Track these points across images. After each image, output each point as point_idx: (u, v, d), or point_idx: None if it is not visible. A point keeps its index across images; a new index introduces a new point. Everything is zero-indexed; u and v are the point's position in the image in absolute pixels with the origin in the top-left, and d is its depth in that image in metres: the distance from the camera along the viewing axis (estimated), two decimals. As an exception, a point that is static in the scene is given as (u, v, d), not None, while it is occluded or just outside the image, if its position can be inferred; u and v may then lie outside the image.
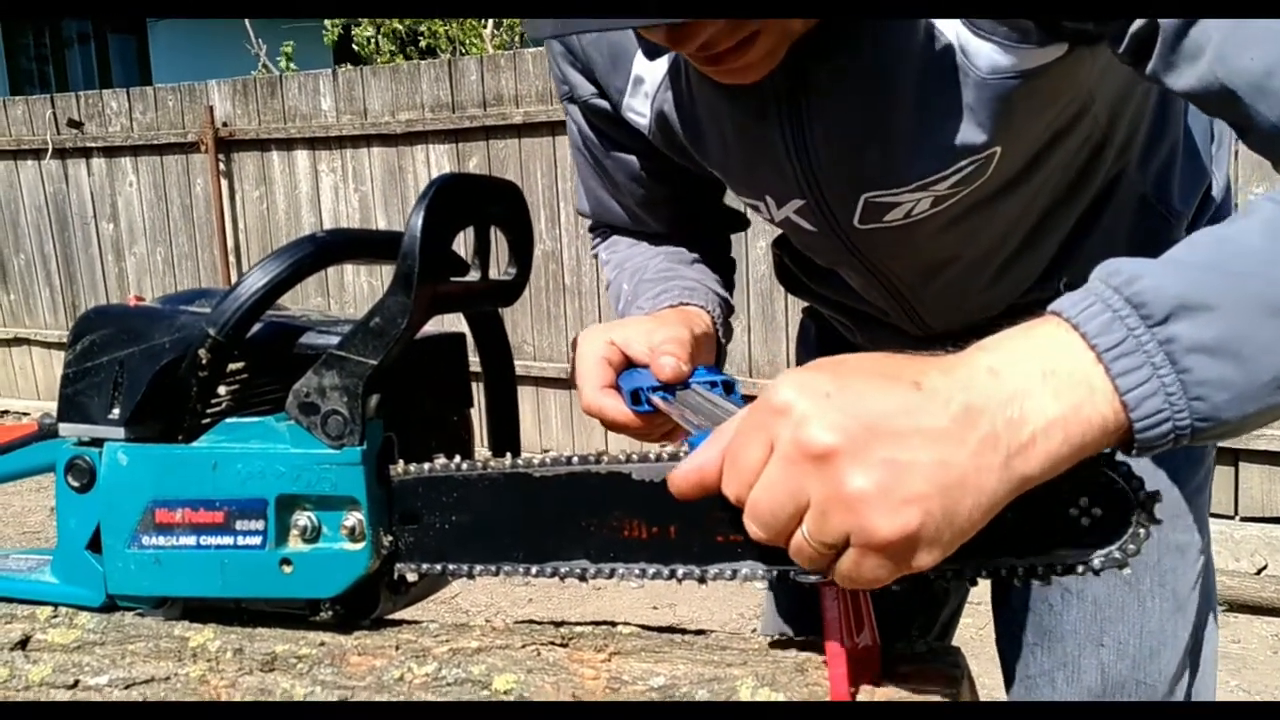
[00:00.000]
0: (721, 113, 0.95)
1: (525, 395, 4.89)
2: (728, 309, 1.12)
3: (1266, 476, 3.63)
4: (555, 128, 4.58)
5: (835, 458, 0.55)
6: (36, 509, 4.81)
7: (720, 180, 1.09)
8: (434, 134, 4.92)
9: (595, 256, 1.27)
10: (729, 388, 0.90)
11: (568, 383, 4.84)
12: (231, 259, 5.61)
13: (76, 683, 0.81)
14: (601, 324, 0.97)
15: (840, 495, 0.55)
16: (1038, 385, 0.57)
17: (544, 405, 4.95)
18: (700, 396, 0.86)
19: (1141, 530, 0.62)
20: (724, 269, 1.20)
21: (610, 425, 0.93)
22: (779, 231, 1.23)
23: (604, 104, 1.07)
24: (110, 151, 5.87)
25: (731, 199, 1.17)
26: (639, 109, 1.03)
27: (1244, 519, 3.68)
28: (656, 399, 0.89)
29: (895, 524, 0.55)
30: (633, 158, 1.12)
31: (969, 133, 0.86)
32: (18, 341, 6.44)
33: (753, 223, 1.28)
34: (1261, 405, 0.57)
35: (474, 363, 0.91)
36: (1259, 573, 3.52)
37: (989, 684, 2.78)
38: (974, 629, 2.96)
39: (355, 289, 5.29)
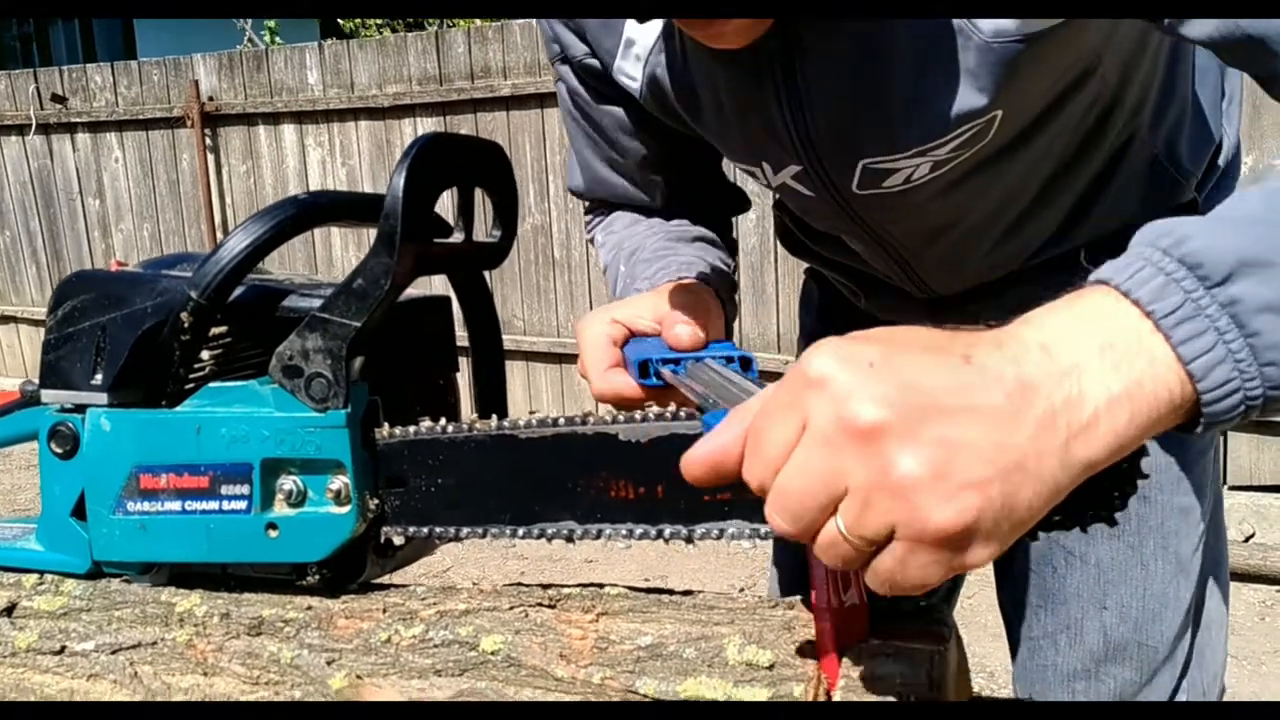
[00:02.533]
0: (716, 77, 0.92)
1: (516, 370, 4.89)
2: (731, 285, 1.08)
3: (1254, 446, 3.65)
4: (544, 100, 4.55)
5: (882, 436, 0.49)
6: (26, 487, 4.80)
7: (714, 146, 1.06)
8: (421, 107, 4.88)
9: (591, 241, 1.20)
10: (746, 364, 0.82)
11: (558, 357, 4.86)
12: (219, 234, 5.58)
13: (63, 649, 0.81)
14: (601, 306, 0.93)
15: (888, 480, 0.49)
16: (1095, 360, 0.51)
17: (534, 380, 4.95)
18: (714, 372, 0.79)
19: (1129, 486, 0.61)
20: (725, 246, 1.15)
21: (624, 404, 0.86)
22: (770, 202, 1.20)
23: (596, 64, 1.04)
24: (95, 127, 5.83)
25: (728, 169, 1.14)
26: (630, 72, 1.00)
27: (1232, 488, 3.70)
28: (666, 372, 0.83)
29: (951, 512, 0.48)
30: (626, 114, 1.08)
31: (969, 97, 0.83)
32: (4, 320, 6.41)
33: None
34: None
35: (462, 338, 0.90)
36: (1246, 540, 3.55)
37: (978, 653, 2.80)
38: (963, 600, 2.98)
39: (344, 264, 5.27)
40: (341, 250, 5.26)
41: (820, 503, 0.51)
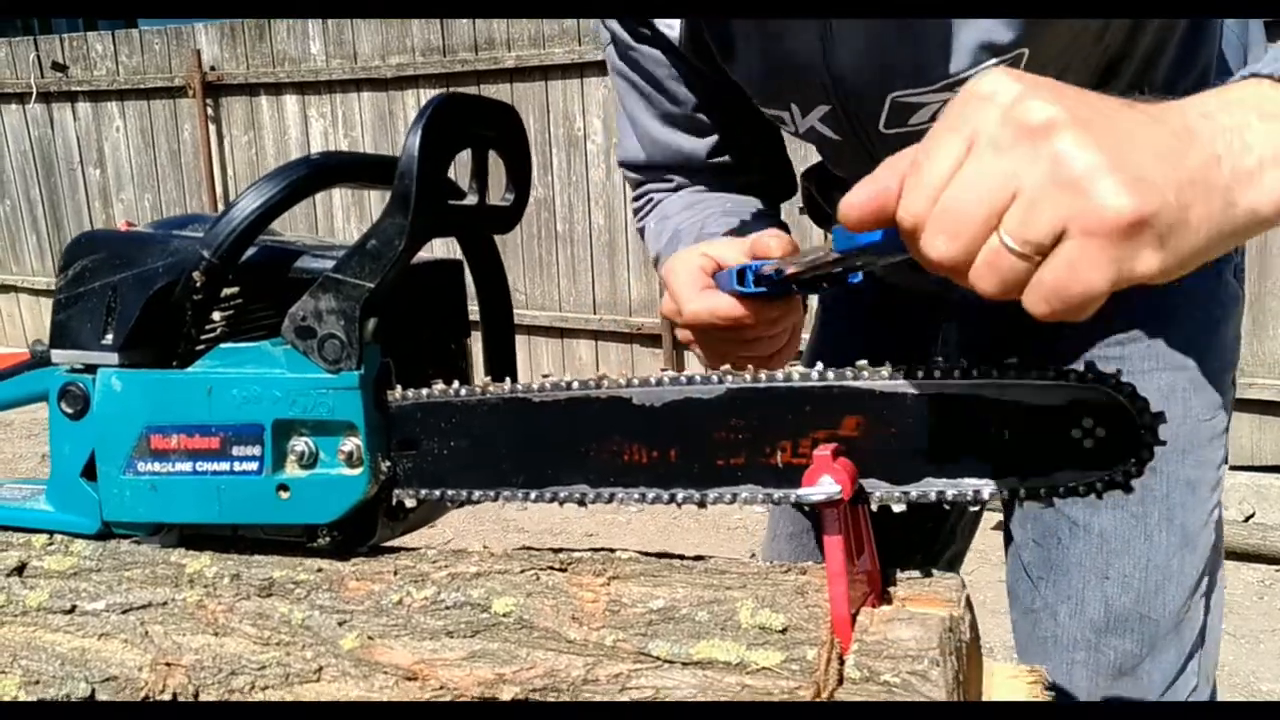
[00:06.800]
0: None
1: (517, 344, 4.88)
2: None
3: (1256, 426, 3.66)
4: (548, 72, 4.53)
5: (1056, 130, 0.48)
6: (29, 455, 4.81)
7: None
8: (424, 78, 4.86)
9: (640, 231, 1.19)
10: None
11: (560, 331, 4.85)
12: (220, 205, 5.56)
13: (74, 608, 0.81)
14: (689, 246, 0.93)
15: (1061, 172, 0.47)
16: (1257, 122, 0.51)
17: (536, 354, 4.95)
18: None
19: (1145, 452, 0.61)
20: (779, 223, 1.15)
21: (720, 323, 0.84)
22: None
23: None
24: (96, 96, 5.80)
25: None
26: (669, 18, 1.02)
27: (1233, 467, 3.70)
28: (769, 268, 0.79)
29: (1131, 201, 0.47)
30: (671, 60, 1.08)
31: (996, 30, 0.86)
32: (4, 289, 6.40)
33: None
34: None
35: (473, 311, 0.90)
36: (1247, 520, 3.55)
37: (982, 631, 2.81)
38: (965, 580, 2.98)
39: (345, 235, 5.25)
40: (344, 221, 5.25)
41: (985, 214, 0.49)
